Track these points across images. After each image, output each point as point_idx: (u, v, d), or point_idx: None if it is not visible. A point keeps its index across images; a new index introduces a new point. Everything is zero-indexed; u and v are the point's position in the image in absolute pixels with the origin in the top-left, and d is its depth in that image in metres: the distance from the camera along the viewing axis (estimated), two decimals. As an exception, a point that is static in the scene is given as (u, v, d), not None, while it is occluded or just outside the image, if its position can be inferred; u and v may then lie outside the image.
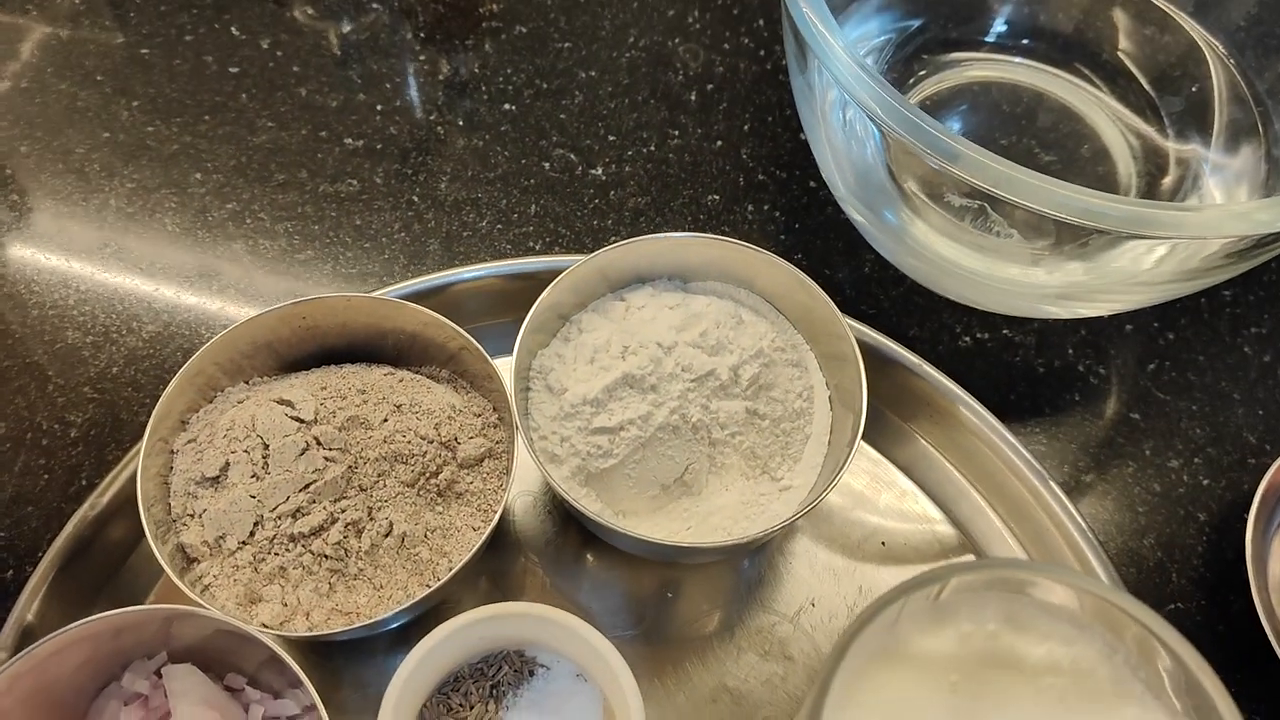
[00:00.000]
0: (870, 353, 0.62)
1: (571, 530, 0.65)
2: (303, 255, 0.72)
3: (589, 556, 0.65)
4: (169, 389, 0.58)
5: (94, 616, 0.51)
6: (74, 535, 0.59)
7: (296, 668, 0.51)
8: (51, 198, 0.74)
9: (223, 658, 0.56)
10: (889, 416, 0.68)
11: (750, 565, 0.64)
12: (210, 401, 0.61)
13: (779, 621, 0.62)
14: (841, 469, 0.57)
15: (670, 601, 0.63)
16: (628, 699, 0.53)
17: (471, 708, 0.57)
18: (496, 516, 0.57)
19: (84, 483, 0.64)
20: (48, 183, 0.75)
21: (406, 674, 0.53)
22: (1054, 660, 0.38)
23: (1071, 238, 0.59)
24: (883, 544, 0.65)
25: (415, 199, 0.75)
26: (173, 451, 0.59)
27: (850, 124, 0.69)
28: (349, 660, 0.59)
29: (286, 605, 0.55)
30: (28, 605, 0.58)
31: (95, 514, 0.60)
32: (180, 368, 0.57)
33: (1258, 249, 0.56)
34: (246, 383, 0.62)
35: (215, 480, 0.57)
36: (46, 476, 0.64)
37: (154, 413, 0.57)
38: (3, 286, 0.71)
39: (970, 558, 0.64)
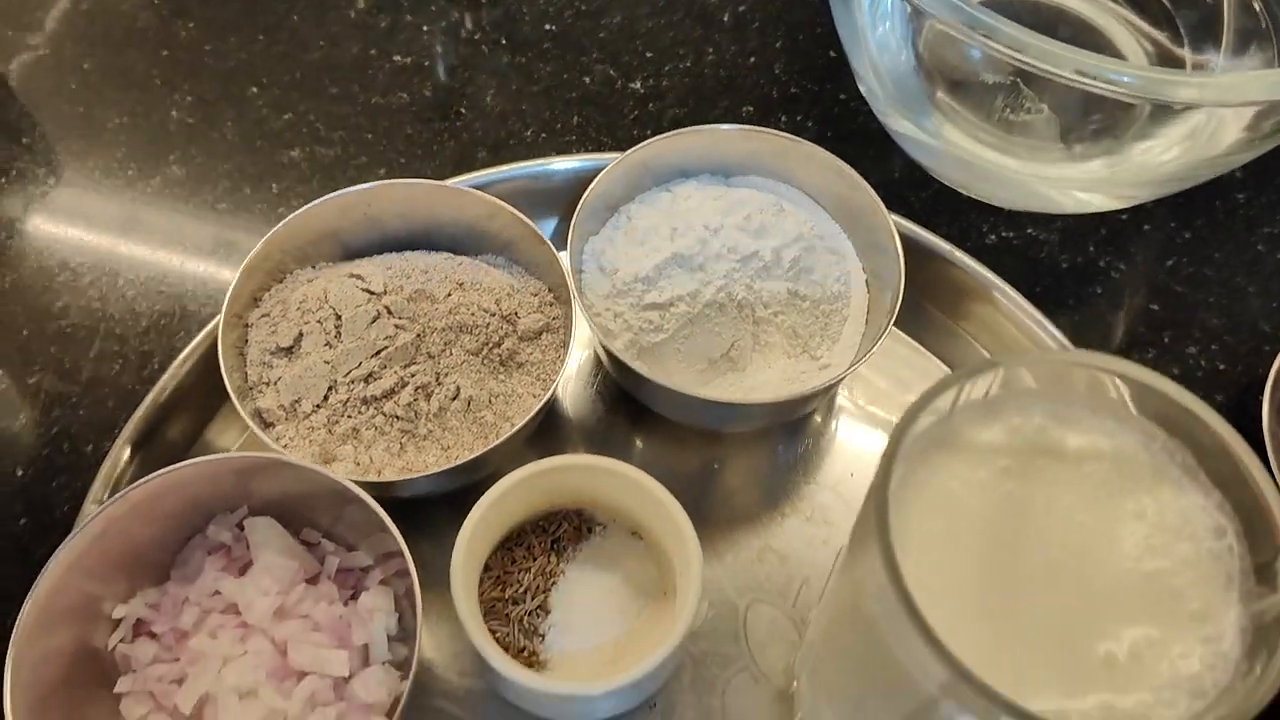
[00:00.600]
0: (906, 244, 0.65)
1: (621, 411, 0.68)
2: (358, 161, 0.75)
3: (637, 439, 0.68)
4: (240, 270, 0.61)
5: (181, 464, 0.55)
6: (154, 404, 0.63)
7: (378, 507, 0.54)
8: (115, 109, 0.78)
9: (299, 513, 0.59)
10: (927, 309, 0.71)
11: (790, 444, 0.68)
12: (280, 282, 0.64)
13: (820, 490, 0.66)
14: (880, 337, 0.60)
15: (716, 473, 0.66)
16: (686, 544, 0.56)
17: (534, 559, 0.60)
18: (555, 384, 0.60)
19: (156, 366, 0.67)
20: (110, 96, 0.78)
21: (475, 521, 0.56)
22: (1097, 449, 0.41)
23: (1098, 108, 0.62)
24: (917, 422, 0.68)
25: (463, 110, 0.78)
26: (247, 325, 0.62)
27: (886, 35, 0.73)
28: (416, 521, 0.62)
29: (359, 464, 0.59)
30: (109, 474, 0.61)
31: (175, 384, 0.63)
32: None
33: (1273, 132, 0.60)
34: (313, 267, 0.65)
35: (289, 350, 0.61)
36: (120, 362, 0.68)
37: (229, 292, 0.60)
38: (72, 188, 0.74)
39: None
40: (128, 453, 0.62)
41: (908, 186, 0.76)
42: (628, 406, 0.68)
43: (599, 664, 0.57)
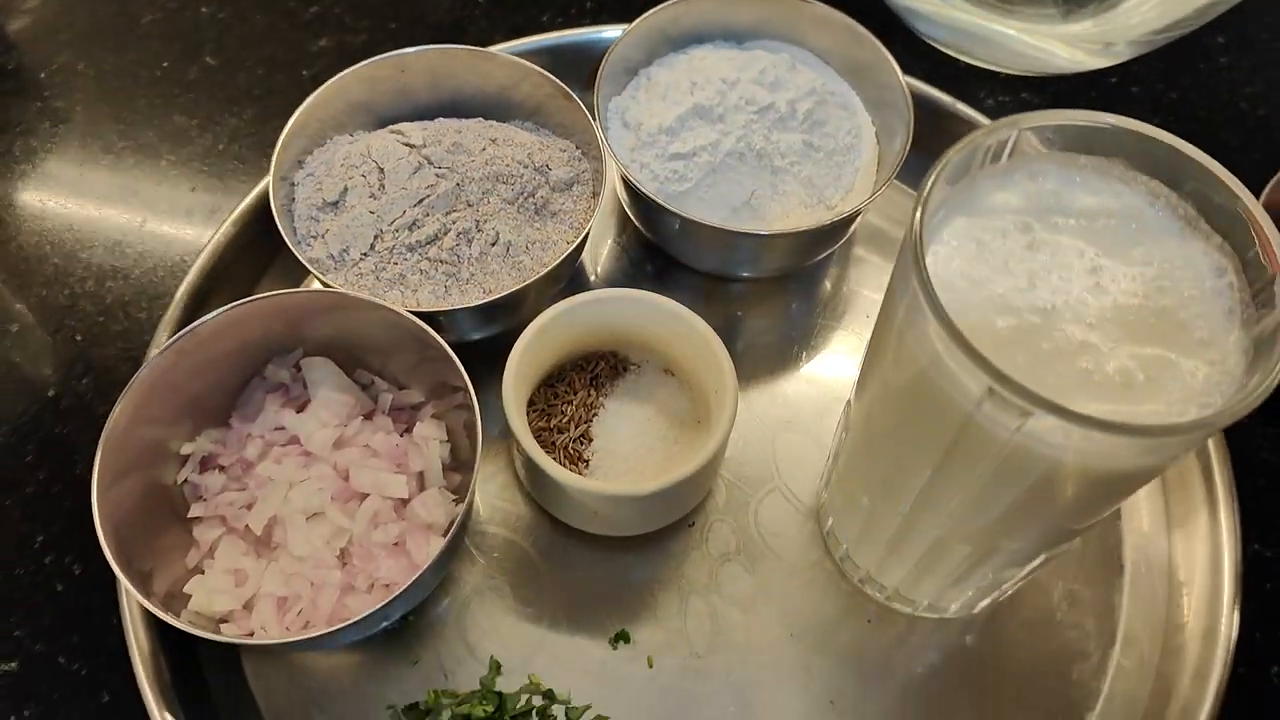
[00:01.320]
0: (914, 100, 0.69)
1: (647, 264, 0.72)
2: (384, 49, 0.78)
3: (664, 290, 0.71)
4: (284, 134, 0.64)
5: (237, 303, 0.58)
6: (207, 264, 0.66)
7: (436, 336, 0.57)
8: (148, 8, 0.81)
9: (352, 354, 0.62)
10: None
11: (808, 292, 0.71)
12: (321, 146, 0.67)
13: (839, 331, 0.70)
14: (892, 175, 0.64)
15: (740, 319, 0.70)
16: (721, 365, 0.59)
17: (575, 394, 0.63)
18: (588, 229, 0.63)
19: (206, 241, 0.70)
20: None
21: (521, 350, 0.59)
22: (1106, 207, 0.45)
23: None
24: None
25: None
26: (293, 184, 0.65)
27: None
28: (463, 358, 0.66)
29: (407, 306, 0.62)
30: (170, 327, 0.64)
31: (226, 241, 0.66)
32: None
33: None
34: (350, 135, 0.68)
35: (335, 204, 0.64)
36: (168, 239, 0.71)
37: (275, 153, 0.64)
38: (113, 79, 0.77)
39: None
40: (183, 310, 0.65)
41: (910, 58, 0.79)
42: (654, 260, 0.72)
43: (640, 484, 0.60)
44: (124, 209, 0.72)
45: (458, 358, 0.57)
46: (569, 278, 0.67)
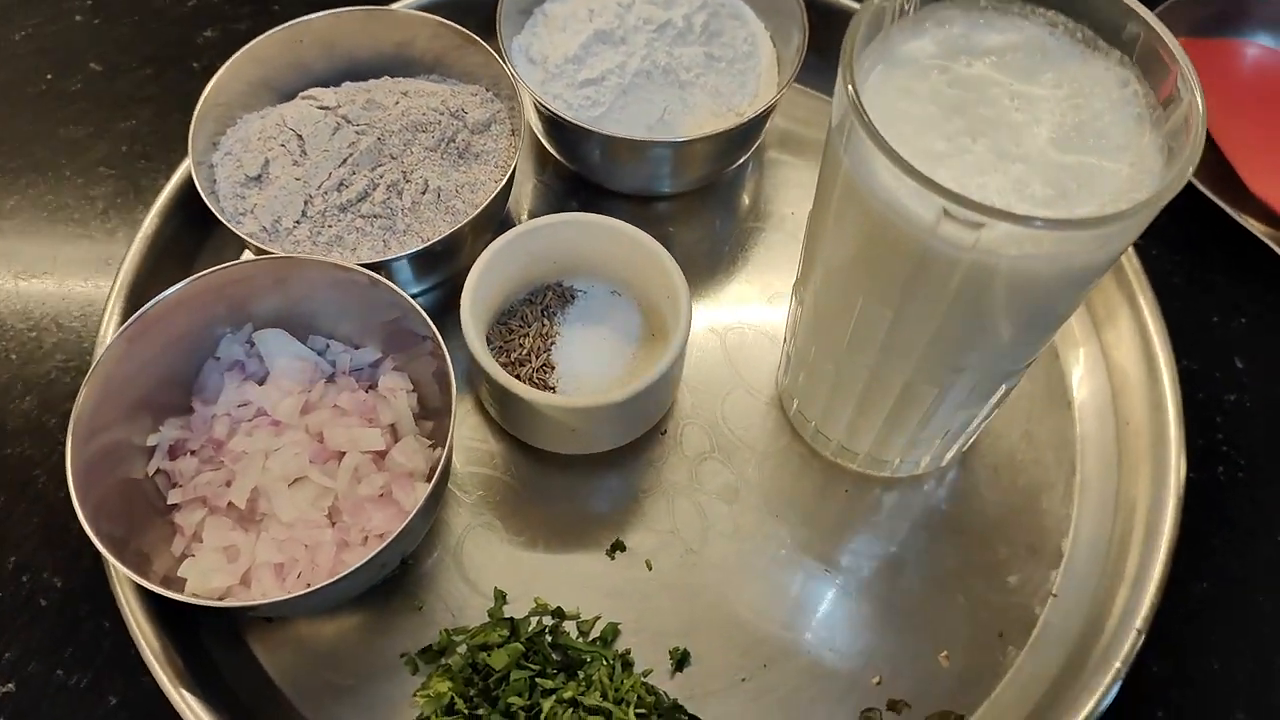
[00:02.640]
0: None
1: (573, 197, 0.73)
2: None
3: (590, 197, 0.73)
4: (194, 118, 0.64)
5: (179, 284, 0.57)
6: (138, 258, 0.65)
7: (395, 287, 0.57)
8: (21, 14, 0.79)
9: (302, 321, 0.62)
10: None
11: (730, 200, 0.74)
12: (232, 126, 0.67)
13: (766, 230, 0.72)
14: (795, 71, 0.67)
15: (672, 236, 0.72)
16: (670, 273, 0.61)
17: (529, 326, 0.64)
18: (514, 164, 0.64)
19: (120, 236, 0.69)
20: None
21: (473, 286, 0.60)
22: (1012, 42, 0.48)
23: None
24: (839, 159, 0.75)
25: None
26: (211, 166, 0.65)
27: None
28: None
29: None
30: (108, 332, 0.63)
31: (154, 230, 0.65)
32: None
33: None
34: (259, 114, 0.68)
35: (258, 179, 0.64)
36: (88, 240, 0.69)
37: (189, 139, 0.63)
38: None
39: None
40: (122, 308, 0.64)
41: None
42: (578, 192, 0.73)
43: (612, 394, 0.62)
44: (36, 224, 0.70)
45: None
46: (501, 217, 0.68)
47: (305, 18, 0.67)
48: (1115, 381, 0.66)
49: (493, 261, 0.61)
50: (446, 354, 0.56)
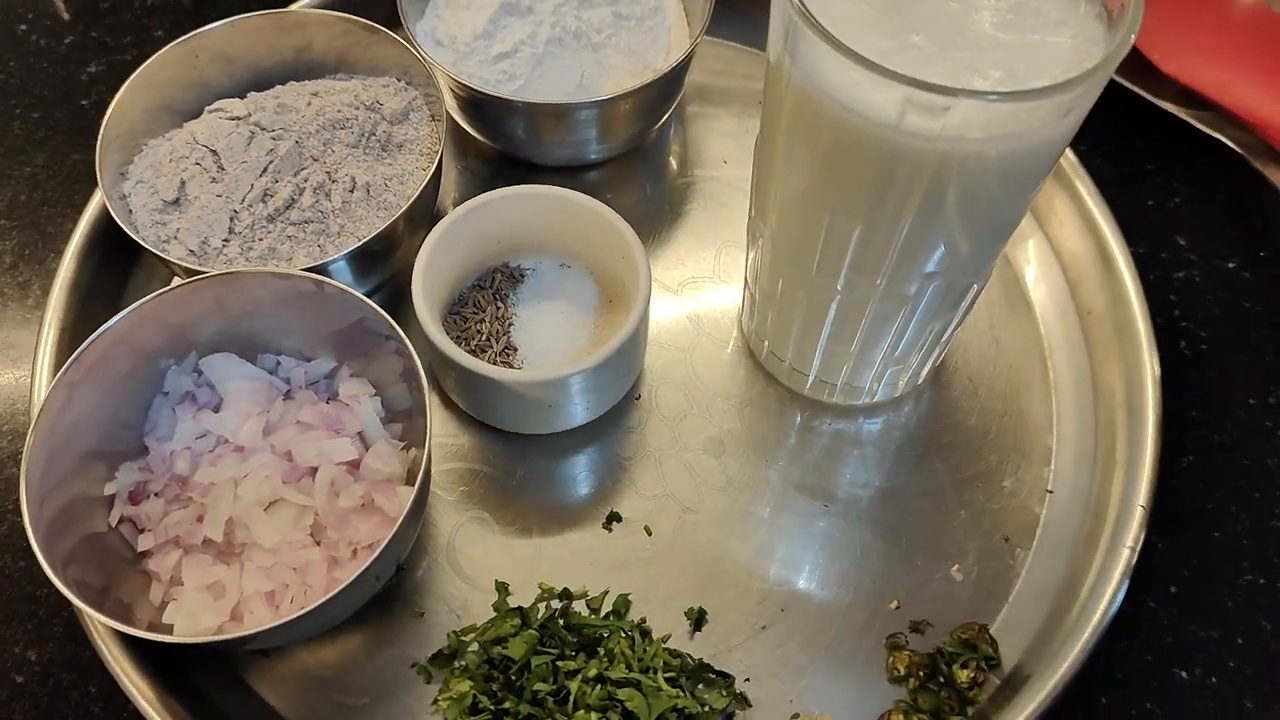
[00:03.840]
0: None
1: (500, 177, 0.71)
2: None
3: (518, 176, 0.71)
4: (98, 148, 0.60)
5: (115, 318, 0.54)
6: (60, 309, 0.61)
7: (346, 287, 0.55)
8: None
9: (247, 341, 0.59)
10: (747, 10, 0.75)
11: (658, 157, 0.73)
12: (139, 153, 0.63)
13: (701, 180, 0.71)
14: (705, 23, 0.66)
15: (609, 201, 0.70)
16: (621, 232, 0.59)
17: (484, 310, 0.63)
18: (441, 146, 0.62)
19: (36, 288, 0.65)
20: None
21: (422, 271, 0.58)
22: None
23: None
24: (759, 102, 0.74)
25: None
26: (123, 197, 0.61)
27: None
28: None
29: (288, 278, 0.60)
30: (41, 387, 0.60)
31: (72, 277, 0.62)
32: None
33: None
34: (164, 137, 0.65)
35: (176, 202, 0.61)
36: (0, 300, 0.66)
37: (97, 167, 0.59)
38: None
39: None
40: (52, 359, 0.60)
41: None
42: (504, 172, 0.71)
43: (583, 361, 0.60)
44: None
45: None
46: (434, 205, 0.66)
47: (198, 31, 0.64)
48: (1071, 275, 0.66)
49: (438, 247, 0.59)
50: (410, 348, 0.54)
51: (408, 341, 0.54)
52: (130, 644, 0.52)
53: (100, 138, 0.60)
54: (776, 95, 0.48)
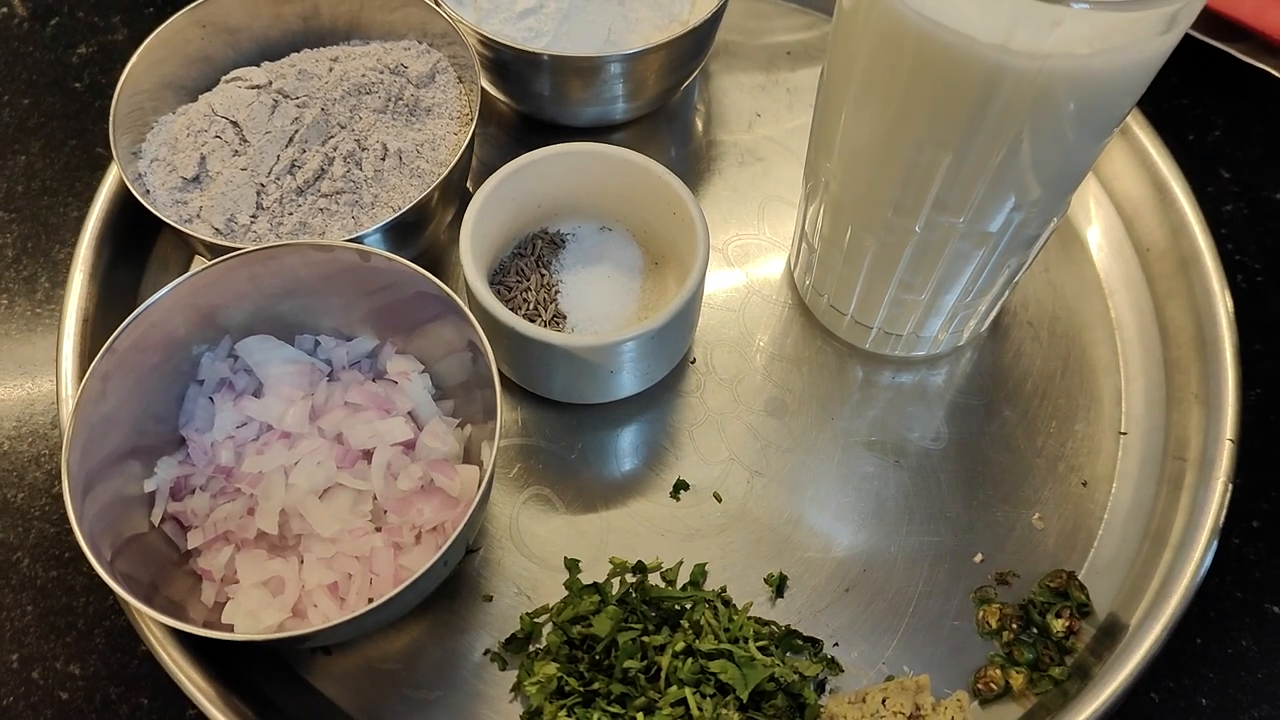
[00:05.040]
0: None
1: (519, 150, 0.67)
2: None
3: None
4: (111, 123, 0.56)
5: (144, 304, 0.50)
6: (82, 299, 0.57)
7: (384, 253, 0.51)
8: None
9: (283, 323, 0.56)
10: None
11: (684, 116, 0.70)
12: (151, 130, 0.59)
13: (735, 137, 0.69)
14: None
15: (623, 138, 0.67)
16: (672, 186, 0.57)
17: (528, 279, 0.59)
18: (475, 112, 0.59)
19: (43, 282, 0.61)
20: None
21: (470, 232, 0.55)
22: None
23: None
24: (788, 53, 0.72)
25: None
26: (139, 176, 0.57)
27: None
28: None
29: (322, 253, 0.56)
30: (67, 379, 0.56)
31: (91, 264, 0.58)
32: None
33: None
34: (173, 113, 0.61)
35: (197, 179, 0.57)
36: (5, 296, 0.61)
37: (113, 147, 0.56)
38: None
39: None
40: (75, 353, 0.56)
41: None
42: (530, 137, 0.68)
43: (646, 323, 0.57)
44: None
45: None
46: (469, 171, 0.62)
47: (203, 1, 0.60)
48: (1125, 212, 0.65)
49: (483, 212, 0.56)
50: (471, 317, 0.50)
51: (467, 311, 0.50)
52: (187, 646, 0.49)
53: (112, 114, 0.56)
54: (852, 27, 0.46)
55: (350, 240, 0.54)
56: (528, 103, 0.66)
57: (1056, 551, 0.56)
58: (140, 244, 0.60)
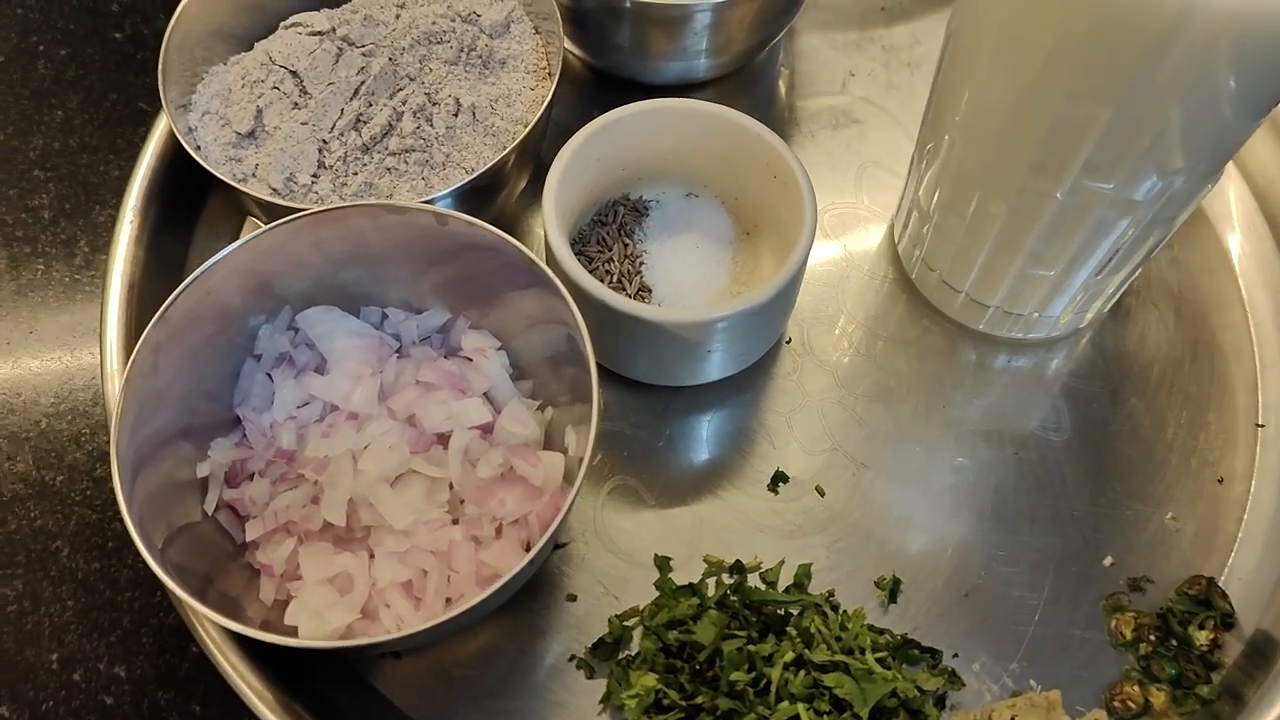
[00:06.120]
0: None
1: (592, 110, 0.62)
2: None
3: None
4: (160, 73, 0.51)
5: (199, 270, 0.45)
6: (127, 264, 0.52)
7: (463, 216, 0.46)
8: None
9: (346, 293, 0.51)
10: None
11: (768, 79, 0.65)
12: (201, 80, 0.54)
13: (820, 96, 0.63)
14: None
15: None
16: (779, 152, 0.51)
17: (610, 248, 0.54)
18: (558, 67, 0.54)
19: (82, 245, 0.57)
20: None
21: (553, 203, 0.49)
22: None
23: None
24: (882, 9, 0.66)
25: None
26: (188, 130, 0.52)
27: None
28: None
29: (389, 216, 0.51)
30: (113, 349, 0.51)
31: (137, 226, 0.53)
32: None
33: None
34: (224, 64, 0.56)
35: (253, 134, 0.52)
36: (42, 259, 0.57)
37: (162, 97, 0.51)
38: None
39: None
40: (121, 325, 0.51)
41: None
42: (603, 96, 0.62)
43: (752, 297, 0.52)
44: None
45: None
46: (547, 130, 0.57)
47: (260, -63, 0.55)
48: (1257, 186, 0.59)
49: (566, 174, 0.51)
50: (564, 290, 0.45)
51: (559, 284, 0.45)
52: (244, 648, 0.44)
53: (161, 61, 0.51)
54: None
55: (423, 203, 0.49)
56: (605, 57, 0.61)
57: (1192, 554, 0.51)
58: (189, 205, 0.55)
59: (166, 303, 0.44)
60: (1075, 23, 0.39)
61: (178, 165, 0.52)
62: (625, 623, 0.48)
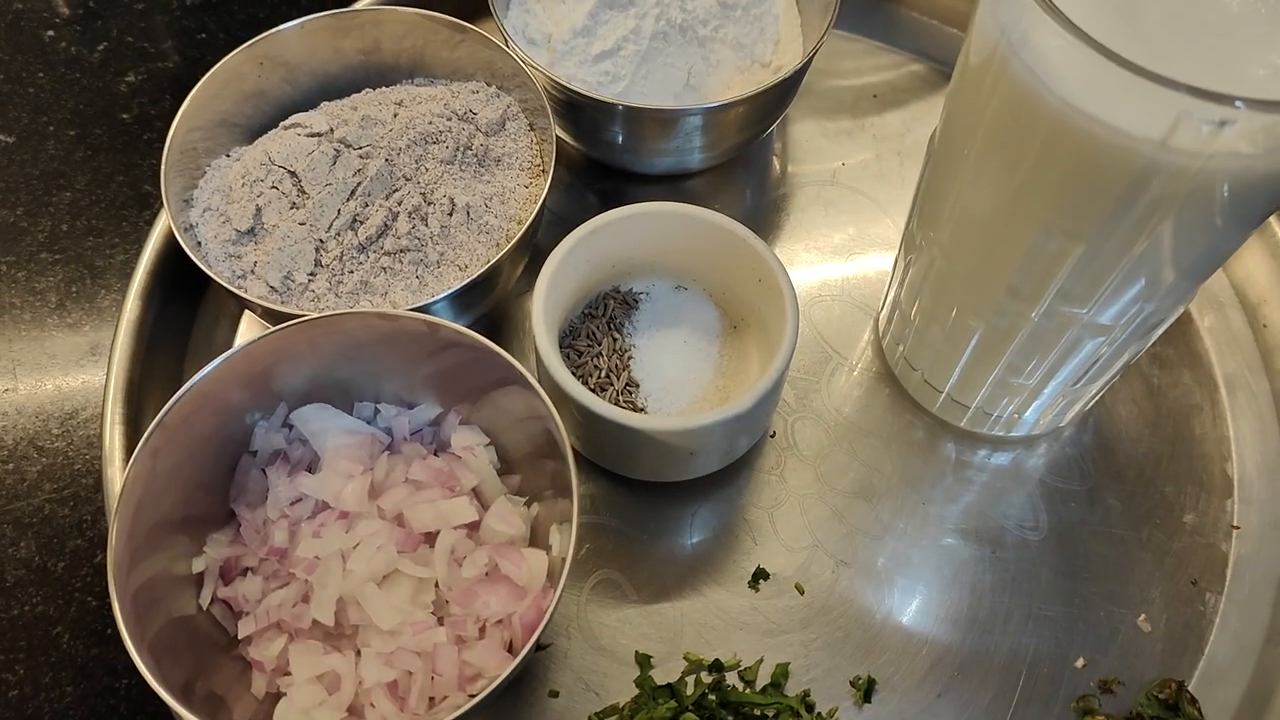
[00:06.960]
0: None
1: (588, 198, 0.64)
2: (201, 68, 0.67)
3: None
4: (163, 168, 0.53)
5: (198, 375, 0.47)
6: (125, 361, 0.54)
7: (451, 324, 0.48)
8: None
9: (340, 390, 0.52)
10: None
11: (761, 164, 0.66)
12: (202, 177, 0.56)
13: (811, 187, 0.64)
14: (831, 20, 0.59)
15: (705, 202, 0.63)
16: (758, 251, 0.53)
17: (599, 343, 0.56)
18: (551, 165, 0.55)
19: (85, 330, 0.58)
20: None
21: (542, 304, 0.51)
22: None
23: None
24: (874, 96, 0.68)
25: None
26: (189, 227, 0.54)
27: None
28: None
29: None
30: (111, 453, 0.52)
31: (138, 316, 0.54)
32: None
33: None
34: (227, 155, 0.57)
35: (252, 231, 0.53)
36: (47, 342, 0.58)
37: (164, 195, 0.52)
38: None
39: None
40: (122, 412, 0.53)
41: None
42: (597, 184, 0.64)
43: (732, 405, 0.53)
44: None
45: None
46: (541, 227, 0.59)
47: (264, 35, 0.56)
48: (1239, 285, 0.60)
49: (556, 276, 0.52)
50: (538, 388, 0.47)
51: (540, 390, 0.47)
52: (234, 747, 0.45)
53: (164, 159, 0.53)
54: (976, 97, 0.42)
55: (417, 308, 0.50)
56: (599, 150, 0.63)
57: (1164, 657, 0.52)
58: (191, 293, 0.56)
59: (164, 409, 0.46)
60: (1043, 162, 0.40)
61: (180, 253, 0.54)
62: (607, 720, 0.49)
